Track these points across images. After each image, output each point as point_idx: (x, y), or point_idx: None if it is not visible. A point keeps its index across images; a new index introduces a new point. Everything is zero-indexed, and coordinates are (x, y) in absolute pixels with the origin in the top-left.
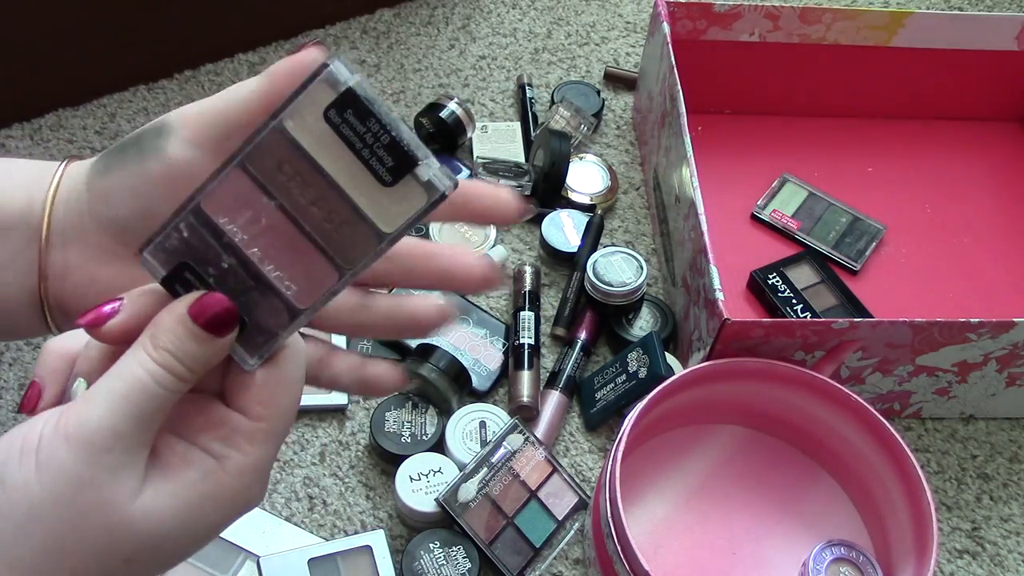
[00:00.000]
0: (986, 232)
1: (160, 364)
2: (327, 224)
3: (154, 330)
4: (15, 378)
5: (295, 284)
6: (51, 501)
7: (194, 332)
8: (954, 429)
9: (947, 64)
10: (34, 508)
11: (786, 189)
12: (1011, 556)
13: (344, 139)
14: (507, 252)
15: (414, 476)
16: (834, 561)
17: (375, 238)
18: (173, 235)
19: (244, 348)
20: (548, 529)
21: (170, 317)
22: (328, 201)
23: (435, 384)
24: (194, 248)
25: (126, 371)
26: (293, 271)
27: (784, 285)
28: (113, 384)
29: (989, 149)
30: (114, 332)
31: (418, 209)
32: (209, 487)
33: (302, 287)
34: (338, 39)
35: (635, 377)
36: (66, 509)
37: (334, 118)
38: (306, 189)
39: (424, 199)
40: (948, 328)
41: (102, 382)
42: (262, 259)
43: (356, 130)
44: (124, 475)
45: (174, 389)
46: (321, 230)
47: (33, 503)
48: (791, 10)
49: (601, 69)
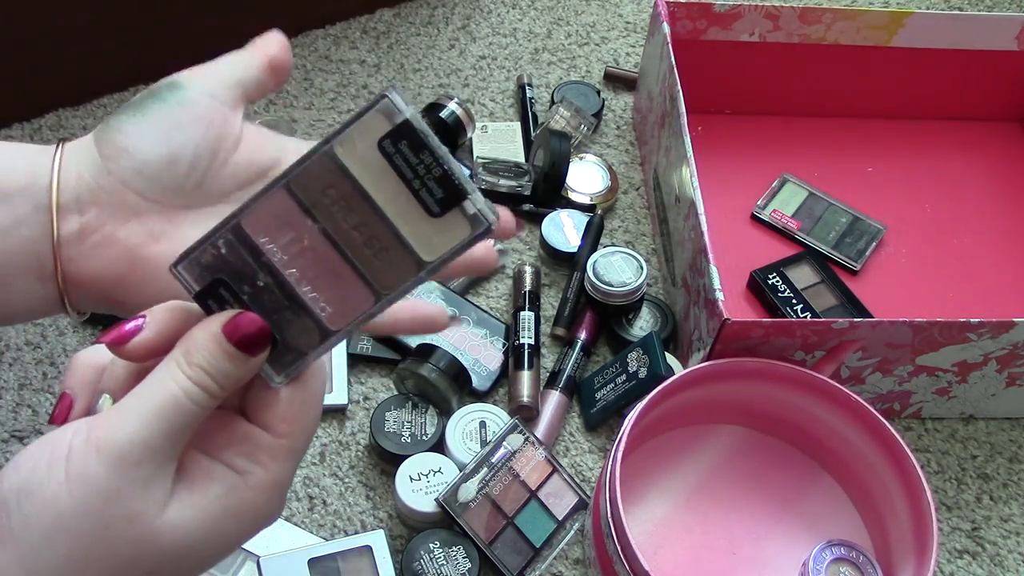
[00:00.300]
0: (986, 232)
1: (194, 381)
2: (367, 249)
3: (187, 346)
4: (15, 378)
5: (330, 306)
6: (80, 512)
7: (227, 351)
8: (954, 429)
9: (947, 64)
10: (62, 518)
11: (786, 189)
12: (1011, 556)
13: (396, 169)
14: (507, 252)
15: (414, 476)
16: (834, 561)
17: (415, 266)
18: (209, 251)
19: (272, 365)
20: (548, 529)
21: (204, 335)
22: (371, 227)
23: (435, 384)
24: (230, 265)
25: (158, 386)
26: (329, 293)
27: (784, 285)
28: (145, 399)
29: (989, 149)
30: (138, 350)
31: (461, 240)
32: (232, 502)
33: (337, 309)
34: (338, 39)
35: (635, 377)
36: (94, 520)
37: (388, 148)
38: (350, 214)
39: (468, 231)
40: (948, 328)
41: (134, 396)
42: (299, 280)
43: (409, 161)
44: (153, 488)
45: (206, 406)
46: (361, 255)
47: (61, 513)
48: (791, 10)
49: (601, 69)
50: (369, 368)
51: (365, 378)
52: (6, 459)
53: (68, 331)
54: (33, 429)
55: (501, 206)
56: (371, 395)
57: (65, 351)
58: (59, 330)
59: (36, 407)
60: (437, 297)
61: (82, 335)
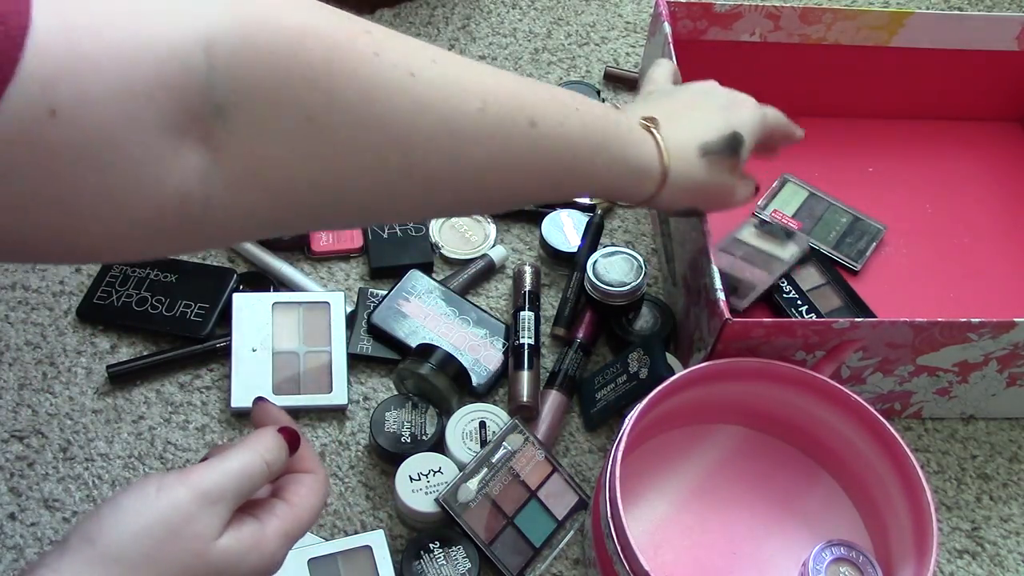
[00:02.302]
0: (986, 232)
1: (264, 459)
2: None
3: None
4: (15, 378)
5: None
6: (161, 521)
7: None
8: (954, 429)
9: (947, 64)
10: (147, 525)
11: (786, 189)
12: (1011, 556)
13: None
14: (507, 252)
15: (414, 476)
16: (834, 561)
17: None
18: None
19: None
20: (548, 529)
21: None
22: None
23: (435, 384)
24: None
25: (246, 455)
26: None
27: (789, 286)
28: (234, 461)
29: (989, 149)
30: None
31: None
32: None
33: None
34: None
35: (636, 377)
36: (171, 531)
37: None
38: None
39: None
40: (949, 328)
41: (223, 457)
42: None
43: None
44: (216, 520)
45: (267, 475)
46: None
47: (148, 522)
48: (791, 10)
49: (601, 69)
50: (369, 368)
51: (365, 378)
52: (6, 459)
53: (68, 331)
54: (33, 429)
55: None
56: (371, 395)
57: (65, 351)
58: (59, 330)
59: (36, 407)
60: (437, 297)
61: (82, 335)
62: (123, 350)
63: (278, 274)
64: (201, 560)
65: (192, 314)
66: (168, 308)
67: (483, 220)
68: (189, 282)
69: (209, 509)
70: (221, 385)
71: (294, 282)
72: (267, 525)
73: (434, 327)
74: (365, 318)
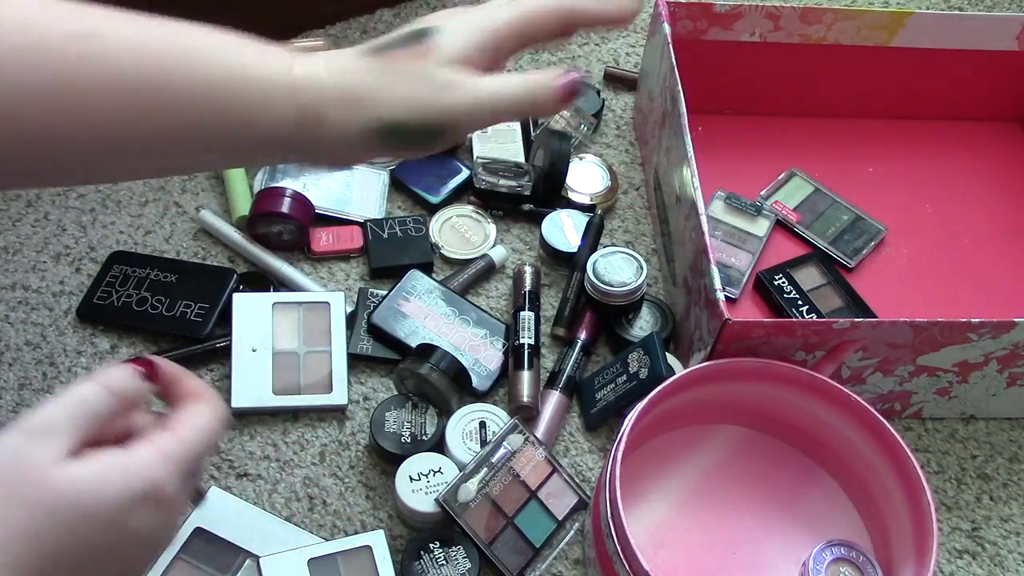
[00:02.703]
0: (986, 232)
1: (101, 385)
2: None
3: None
4: (15, 378)
5: None
6: None
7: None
8: (954, 429)
9: (947, 64)
10: None
11: (792, 182)
12: (1011, 556)
13: None
14: (507, 252)
15: (414, 476)
16: (834, 561)
17: None
18: None
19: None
20: (548, 529)
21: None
22: None
23: (435, 384)
24: None
25: (82, 384)
26: None
27: (790, 286)
28: (66, 394)
29: (989, 149)
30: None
31: None
32: (119, 459)
33: None
34: (338, 39)
35: (636, 378)
36: (3, 473)
37: None
38: None
39: None
40: (949, 328)
41: (61, 393)
42: None
43: None
44: (49, 448)
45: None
46: None
47: None
48: (791, 10)
49: (601, 69)
50: (369, 368)
51: (365, 378)
52: None
53: (68, 331)
54: None
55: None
56: (371, 395)
57: (65, 351)
58: (59, 330)
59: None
60: (437, 297)
61: (82, 335)
62: (123, 350)
63: (278, 274)
64: (41, 489)
65: (192, 314)
66: (168, 308)
67: (484, 220)
68: (189, 282)
69: (41, 439)
70: (221, 385)
71: (294, 282)
72: (134, 449)
73: (434, 327)
74: (365, 318)
